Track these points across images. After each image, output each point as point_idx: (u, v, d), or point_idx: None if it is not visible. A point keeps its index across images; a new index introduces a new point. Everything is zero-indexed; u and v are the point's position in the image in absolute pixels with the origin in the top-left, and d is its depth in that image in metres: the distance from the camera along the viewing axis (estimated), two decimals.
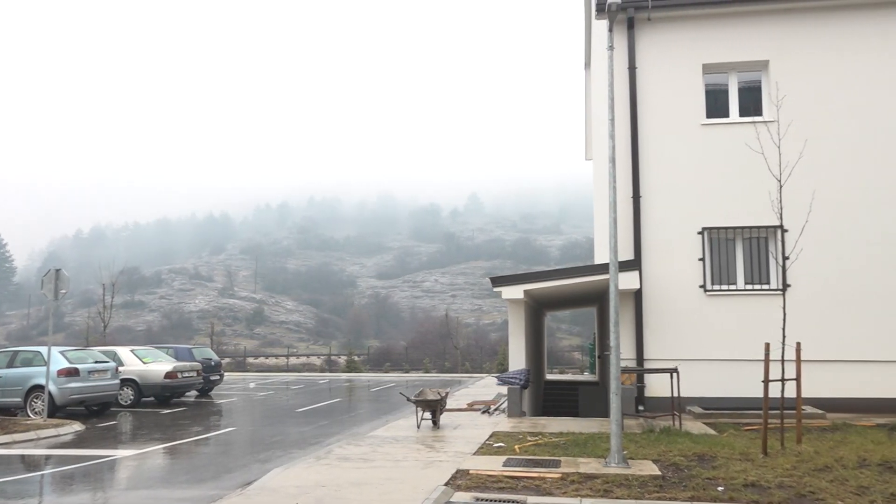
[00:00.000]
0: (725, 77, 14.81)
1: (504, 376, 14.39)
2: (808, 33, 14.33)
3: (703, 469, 8.27)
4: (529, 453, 9.56)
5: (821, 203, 12.85)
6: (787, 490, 7.29)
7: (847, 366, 13.39)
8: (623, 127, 14.35)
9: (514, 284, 14.51)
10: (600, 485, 7.59)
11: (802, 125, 13.39)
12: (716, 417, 12.69)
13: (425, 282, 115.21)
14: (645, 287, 14.07)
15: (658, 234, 14.25)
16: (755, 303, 13.70)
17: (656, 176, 14.42)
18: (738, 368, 13.18)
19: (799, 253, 11.33)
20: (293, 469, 8.88)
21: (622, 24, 14.65)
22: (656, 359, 13.79)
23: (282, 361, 51.60)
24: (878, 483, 7.50)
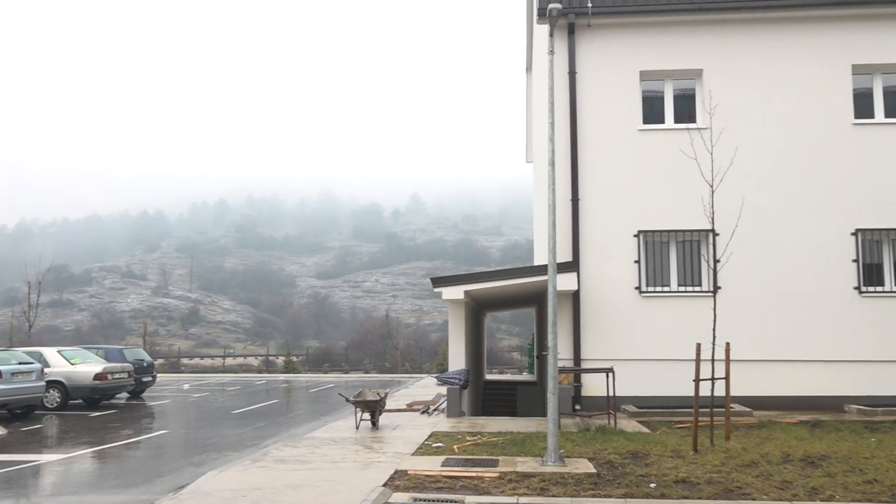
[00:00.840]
0: (662, 84, 15.20)
1: (444, 376, 14.43)
2: (740, 44, 14.83)
3: (636, 466, 8.47)
4: (468, 453, 9.62)
5: (750, 208, 13.33)
6: (716, 485, 7.53)
7: (773, 365, 13.91)
8: (563, 131, 14.58)
9: (455, 285, 14.57)
10: (537, 483, 7.69)
11: (734, 133, 13.85)
12: (649, 416, 13.01)
13: (366, 282, 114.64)
14: (583, 288, 14.32)
15: (596, 237, 14.53)
16: (688, 304, 14.10)
17: (595, 179, 14.69)
18: (671, 368, 13.55)
19: (729, 256, 11.72)
20: (228, 472, 8.71)
21: (563, 30, 14.88)
22: (593, 359, 14.06)
23: (218, 362, 50.52)
24: (800, 478, 7.82)
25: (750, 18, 14.80)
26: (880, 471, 8.07)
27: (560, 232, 13.93)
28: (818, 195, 14.31)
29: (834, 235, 14.21)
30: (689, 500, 7.08)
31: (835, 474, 7.95)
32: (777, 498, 7.11)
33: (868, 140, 14.41)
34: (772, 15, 14.72)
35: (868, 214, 14.23)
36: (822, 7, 14.52)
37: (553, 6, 9.84)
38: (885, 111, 14.72)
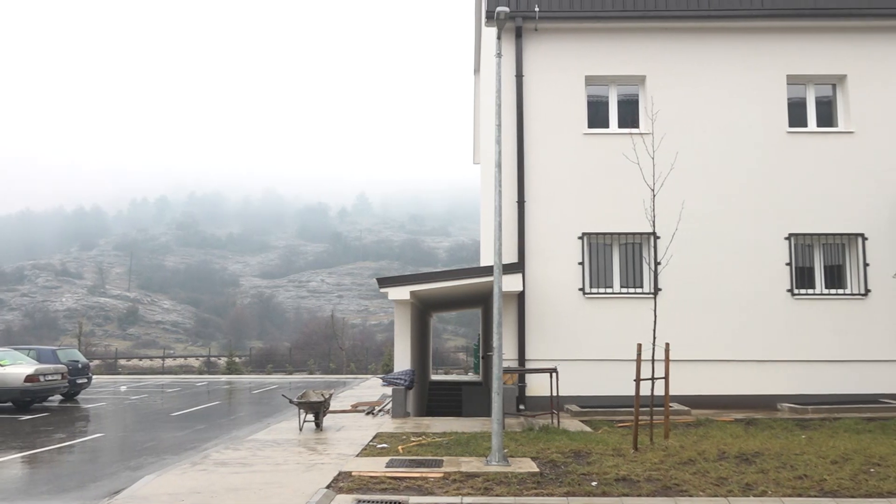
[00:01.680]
0: (606, 89, 15.47)
1: (389, 377, 14.38)
2: (681, 52, 15.21)
3: (578, 465, 8.59)
4: (413, 453, 9.61)
5: (689, 212, 13.68)
6: (655, 483, 7.70)
7: (710, 365, 14.30)
8: (510, 133, 14.71)
9: (401, 285, 14.54)
10: (481, 483, 7.73)
11: (674, 138, 14.20)
12: (592, 415, 13.22)
13: (311, 282, 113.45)
14: (528, 289, 14.46)
15: (541, 239, 14.69)
16: (630, 305, 14.39)
17: (541, 182, 14.87)
18: (613, 368, 13.79)
19: (669, 259, 12.02)
20: (166, 476, 8.49)
21: (510, 33, 15.01)
22: (537, 359, 14.21)
23: (157, 363, 49.27)
24: (735, 474, 8.06)
25: (691, 27, 15.20)
26: (810, 466, 8.38)
27: (506, 233, 14.04)
28: (755, 200, 14.78)
29: (769, 239, 14.69)
30: (629, 498, 7.22)
31: (767, 470, 8.21)
32: (713, 494, 7.31)
33: (801, 148, 14.96)
34: (711, 25, 15.14)
35: (801, 220, 14.76)
36: (759, 19, 15.01)
37: (501, 9, 9.91)
38: (818, 120, 15.31)
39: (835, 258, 15.01)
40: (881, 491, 7.41)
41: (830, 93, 15.48)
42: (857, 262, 14.70)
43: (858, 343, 14.35)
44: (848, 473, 8.05)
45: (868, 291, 14.52)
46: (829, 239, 14.92)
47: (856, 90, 15.09)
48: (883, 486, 7.54)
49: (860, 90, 15.08)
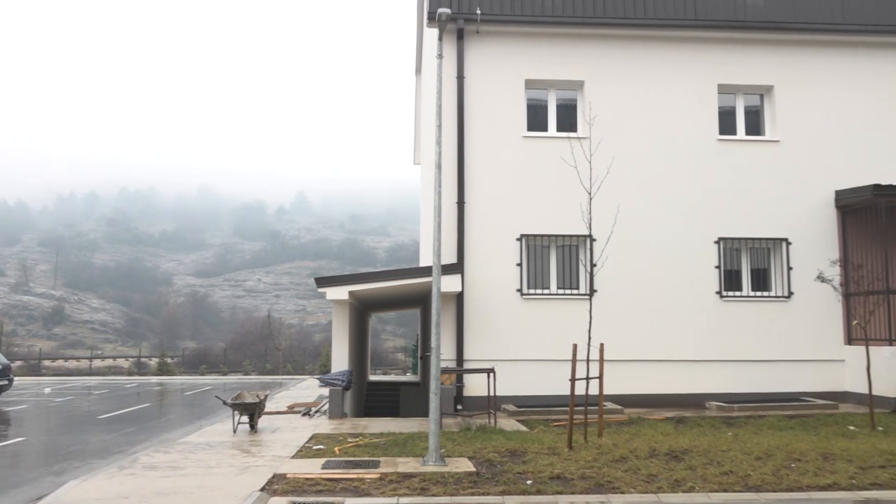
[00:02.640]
0: (546, 93, 15.69)
1: (326, 378, 14.25)
2: (618, 59, 15.55)
3: (514, 464, 8.69)
4: (349, 454, 9.54)
5: (624, 216, 13.98)
6: (588, 481, 7.85)
7: (643, 365, 14.66)
8: (450, 134, 14.76)
9: (340, 285, 14.42)
10: (417, 483, 7.74)
11: (611, 143, 14.48)
12: (528, 415, 13.38)
13: (248, 281, 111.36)
14: (467, 290, 14.54)
15: (480, 240, 14.79)
16: (566, 306, 14.62)
17: (480, 183, 14.97)
18: (549, 368, 13.96)
19: (605, 261, 12.26)
20: (92, 480, 8.21)
21: (452, 35, 15.06)
22: (476, 359, 14.29)
23: (84, 364, 47.57)
24: (665, 471, 8.29)
25: (628, 35, 15.55)
26: (735, 463, 8.68)
27: (445, 234, 14.08)
28: (686, 205, 15.22)
29: (699, 243, 15.16)
30: (563, 496, 7.35)
31: (695, 467, 8.47)
32: (644, 491, 7.51)
33: (731, 155, 15.48)
34: (647, 33, 15.53)
35: (730, 224, 15.27)
36: (692, 29, 15.48)
37: (442, 11, 9.95)
38: (746, 129, 15.89)
39: (761, 262, 15.59)
40: (801, 485, 7.74)
41: (759, 102, 16.08)
42: (782, 265, 15.30)
43: (782, 343, 14.94)
44: (770, 469, 8.37)
45: (791, 294, 15.13)
46: (755, 243, 15.48)
47: (782, 100, 15.72)
48: (802, 481, 7.88)
49: (786, 100, 15.71)
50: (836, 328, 15.08)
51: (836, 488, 7.68)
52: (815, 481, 7.85)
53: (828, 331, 15.06)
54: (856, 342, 14.38)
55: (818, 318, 15.04)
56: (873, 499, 7.41)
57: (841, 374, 14.91)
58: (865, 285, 13.63)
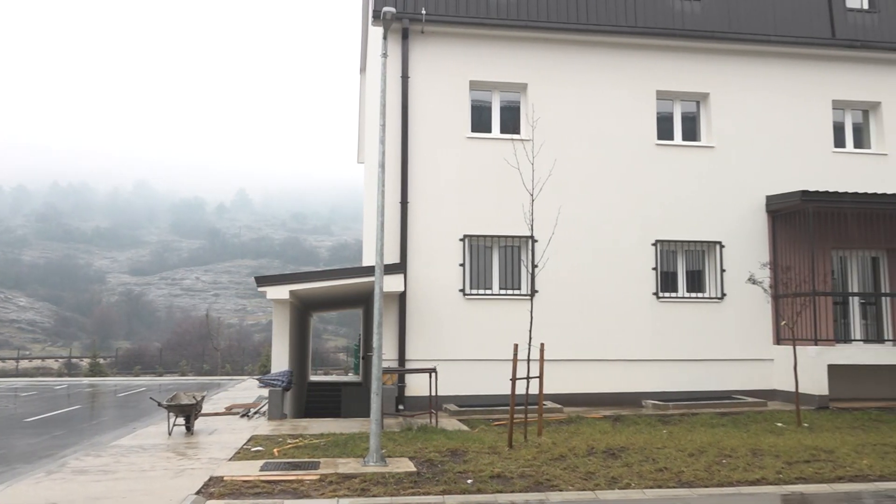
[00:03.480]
0: (490, 95, 15.81)
1: (266, 378, 14.04)
2: (561, 63, 15.77)
3: (455, 464, 8.73)
4: (289, 456, 9.42)
5: (565, 218, 14.22)
6: (528, 479, 7.95)
7: (583, 364, 14.90)
8: (394, 134, 14.73)
9: (280, 284, 14.23)
10: (358, 484, 7.70)
11: (553, 146, 14.70)
12: (469, 414, 13.45)
13: (185, 279, 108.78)
14: (409, 290, 14.52)
15: (423, 240, 14.80)
16: (508, 307, 14.75)
17: (425, 183, 14.97)
18: (491, 367, 14.06)
19: (546, 262, 12.43)
20: (17, 486, 7.89)
21: (397, 34, 15.03)
22: (418, 359, 14.29)
23: (10, 366, 45.65)
24: (602, 468, 8.46)
25: (570, 40, 15.79)
26: (670, 459, 8.91)
27: (388, 234, 14.03)
28: (626, 208, 15.55)
29: (637, 245, 15.50)
30: (502, 494, 7.42)
31: (632, 464, 8.67)
32: (581, 488, 7.64)
33: (668, 160, 15.88)
34: (590, 38, 15.80)
35: (666, 227, 15.66)
36: (632, 35, 15.82)
37: (387, 10, 9.92)
38: (683, 135, 16.32)
39: (696, 264, 16.04)
40: (731, 480, 8.01)
41: (695, 109, 16.54)
42: (716, 267, 15.77)
43: (715, 343, 15.40)
44: (703, 465, 8.63)
45: (724, 295, 15.61)
46: (691, 246, 15.92)
47: (717, 108, 16.21)
48: (732, 476, 8.15)
49: (721, 108, 16.21)
50: (765, 328, 15.63)
51: (765, 483, 7.97)
52: (744, 476, 8.13)
53: (758, 331, 15.60)
54: (784, 342, 14.93)
55: (749, 319, 15.56)
56: (798, 492, 7.72)
57: (770, 372, 15.46)
58: (793, 287, 14.19)
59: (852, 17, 16.89)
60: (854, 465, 8.76)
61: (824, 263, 15.62)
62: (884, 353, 15.01)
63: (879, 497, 7.62)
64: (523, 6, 15.57)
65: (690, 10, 16.26)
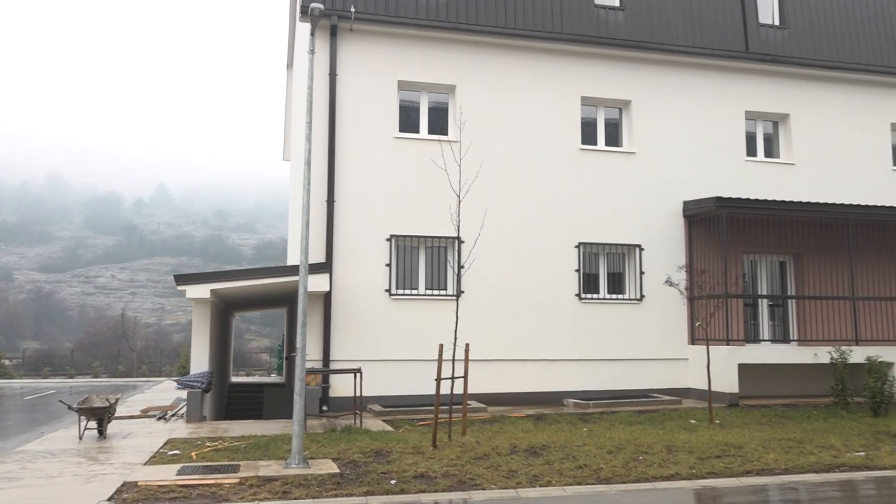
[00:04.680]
0: (418, 95, 15.82)
1: (184, 379, 13.64)
2: (489, 66, 15.93)
3: (378, 464, 8.69)
4: (208, 459, 9.18)
5: (492, 219, 14.38)
6: (451, 478, 7.99)
7: (507, 364, 15.09)
8: (321, 131, 14.56)
9: (201, 283, 13.84)
10: (279, 487, 7.58)
11: (480, 148, 14.83)
12: (394, 414, 13.42)
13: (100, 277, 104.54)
14: (335, 289, 14.38)
15: (350, 239, 14.68)
16: (434, 307, 14.79)
17: (351, 182, 14.86)
18: (416, 368, 14.07)
19: (472, 263, 12.54)
20: None
21: (325, 30, 14.86)
22: (343, 360, 14.16)
23: None
24: (524, 466, 8.59)
25: (499, 43, 15.97)
26: (589, 457, 9.13)
27: (314, 232, 13.87)
28: (550, 210, 15.83)
29: (561, 247, 15.81)
30: (426, 494, 7.44)
31: (553, 462, 8.84)
32: (504, 486, 7.74)
33: (591, 164, 16.27)
34: (517, 42, 16.02)
35: (589, 230, 16.03)
36: (558, 41, 16.12)
37: (315, 6, 9.80)
38: (606, 140, 16.75)
39: (617, 266, 16.48)
40: (647, 476, 8.27)
41: (618, 115, 17.01)
42: (635, 270, 16.25)
43: (634, 343, 15.87)
44: (621, 462, 8.88)
45: (643, 297, 16.11)
46: (612, 248, 16.35)
47: (638, 115, 16.70)
48: (649, 472, 8.41)
49: (642, 115, 16.71)
50: (681, 329, 16.20)
51: (678, 478, 8.27)
52: (659, 472, 8.41)
53: (674, 331, 16.16)
54: (698, 342, 15.52)
55: (666, 320, 16.10)
56: (710, 486, 8.04)
57: (685, 371, 16.04)
58: (707, 289, 14.77)
59: (764, 32, 17.73)
60: (761, 459, 9.19)
61: (736, 267, 16.33)
62: (789, 352, 15.80)
63: (784, 489, 8.02)
64: (452, 8, 15.66)
65: (615, 19, 16.71)
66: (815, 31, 18.12)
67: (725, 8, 17.54)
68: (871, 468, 8.93)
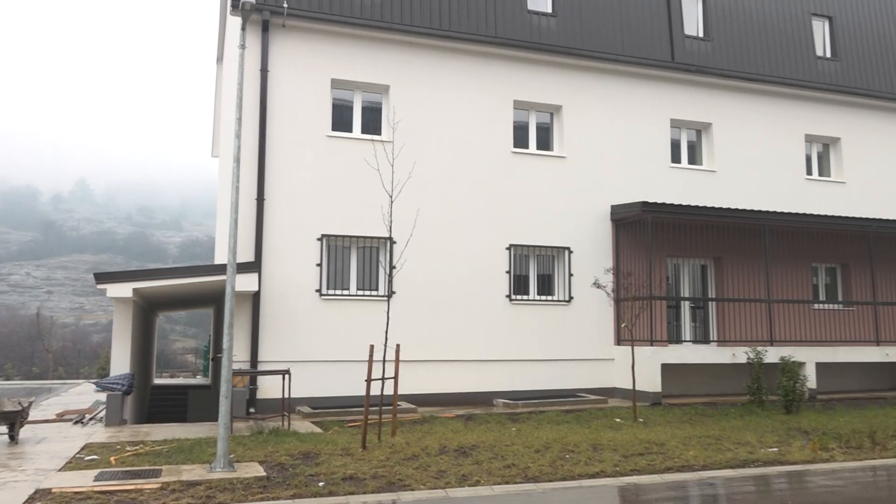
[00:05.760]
0: (352, 94, 15.70)
1: (104, 382, 13.15)
2: (423, 67, 15.95)
3: (306, 467, 8.58)
4: (127, 464, 8.87)
5: (424, 220, 14.40)
6: (380, 480, 7.96)
7: (439, 365, 15.13)
8: (252, 128, 14.28)
9: (123, 282, 13.37)
10: (203, 491, 7.39)
11: (413, 149, 14.84)
12: (324, 416, 13.27)
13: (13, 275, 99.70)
14: (264, 289, 14.13)
15: (280, 238, 14.44)
16: (365, 307, 14.70)
17: (282, 180, 14.62)
18: (347, 369, 13.95)
19: (403, 264, 12.53)
20: None
21: (257, 25, 14.59)
22: (272, 361, 13.92)
23: None
24: (453, 466, 8.63)
25: (433, 45, 16.01)
26: (517, 456, 9.25)
27: (243, 231, 13.59)
28: (482, 212, 15.96)
29: (492, 249, 15.96)
30: (354, 496, 7.39)
31: (482, 461, 8.91)
32: (433, 487, 7.76)
33: (523, 167, 16.48)
34: (452, 45, 16.10)
35: (520, 232, 16.24)
36: (492, 45, 16.28)
37: (246, 0, 9.61)
38: (538, 144, 17.01)
39: (547, 268, 16.76)
40: (573, 474, 8.44)
41: (549, 120, 17.30)
42: (565, 272, 16.55)
43: (562, 344, 16.15)
44: (548, 460, 9.03)
45: (572, 298, 16.42)
46: (542, 250, 16.61)
47: (569, 120, 17.02)
48: (574, 470, 8.59)
49: (572, 120, 17.04)
50: (608, 330, 16.59)
51: (603, 475, 8.47)
52: (585, 470, 8.60)
53: (601, 332, 16.53)
54: (624, 343, 15.93)
55: (593, 321, 16.46)
56: (633, 483, 8.27)
57: (611, 371, 16.43)
58: (633, 291, 15.19)
59: (689, 44, 18.36)
60: (682, 456, 9.50)
61: (660, 270, 16.85)
62: (709, 352, 16.39)
63: (702, 485, 8.32)
64: (387, 8, 15.62)
65: (547, 25, 16.99)
66: (737, 44, 18.88)
67: (653, 19, 18.08)
68: (783, 463, 9.35)
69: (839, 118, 19.82)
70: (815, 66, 19.67)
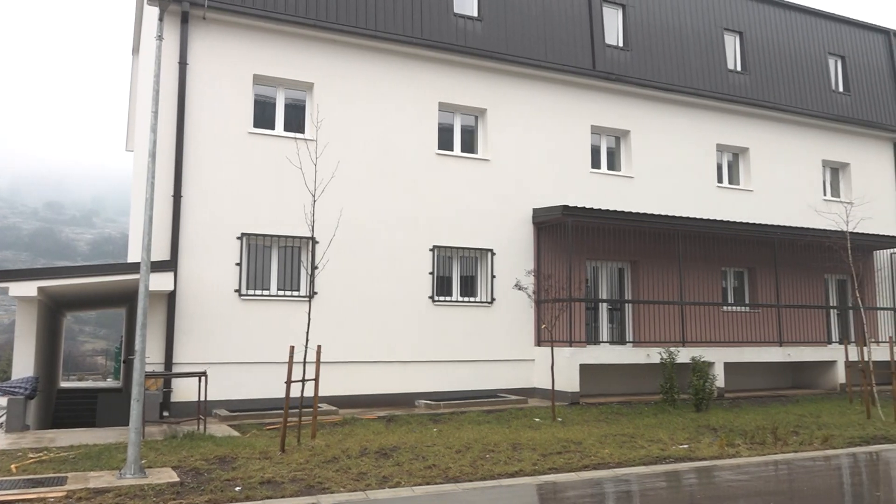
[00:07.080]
0: (275, 91, 15.42)
1: (5, 385, 12.46)
2: (349, 66, 15.81)
3: (223, 471, 8.37)
4: (30, 472, 8.43)
5: (347, 220, 14.29)
6: (299, 483, 7.84)
7: (361, 366, 15.02)
8: (169, 122, 13.83)
9: (27, 280, 12.69)
10: (112, 499, 7.11)
11: (337, 148, 14.71)
12: (242, 419, 12.96)
13: None
14: (180, 289, 13.69)
15: (198, 237, 14.03)
16: (287, 308, 14.45)
17: (201, 177, 14.21)
18: (267, 370, 13.68)
19: (326, 264, 12.39)
20: None
21: (176, 16, 14.14)
22: (188, 362, 13.50)
23: None
24: (374, 468, 8.59)
25: (359, 44, 15.89)
26: (438, 456, 9.29)
27: (158, 229, 13.15)
28: (406, 212, 15.95)
29: (416, 250, 15.97)
30: (272, 500, 7.25)
31: (403, 463, 8.90)
32: (353, 489, 7.70)
33: (447, 169, 16.57)
34: (377, 44, 16.02)
35: (443, 233, 16.32)
36: (418, 46, 16.30)
37: None
38: (462, 146, 17.13)
39: (469, 269, 16.90)
40: (493, 474, 8.53)
41: (474, 123, 17.45)
42: (487, 273, 16.74)
43: (484, 345, 16.32)
44: (469, 460, 9.10)
45: (494, 300, 16.61)
46: (466, 252, 16.74)
47: (493, 123, 17.23)
48: (495, 470, 8.69)
49: (496, 124, 17.25)
50: (528, 331, 16.87)
51: (522, 474, 8.59)
52: (505, 469, 8.71)
53: (522, 333, 16.78)
54: (543, 343, 16.22)
55: (515, 322, 16.70)
56: (551, 481, 8.43)
57: (531, 371, 16.70)
58: (553, 293, 15.50)
59: (610, 53, 18.88)
60: (598, 454, 9.75)
61: (580, 272, 17.25)
62: (625, 353, 16.89)
63: (617, 481, 8.56)
64: (312, 5, 15.41)
65: (472, 28, 17.14)
66: (654, 54, 19.54)
67: (576, 28, 18.51)
68: (693, 459, 9.73)
69: (748, 129, 20.80)
70: (726, 79, 20.57)
